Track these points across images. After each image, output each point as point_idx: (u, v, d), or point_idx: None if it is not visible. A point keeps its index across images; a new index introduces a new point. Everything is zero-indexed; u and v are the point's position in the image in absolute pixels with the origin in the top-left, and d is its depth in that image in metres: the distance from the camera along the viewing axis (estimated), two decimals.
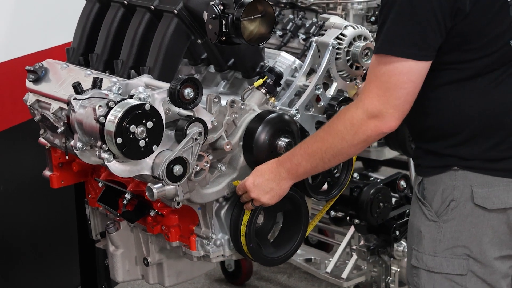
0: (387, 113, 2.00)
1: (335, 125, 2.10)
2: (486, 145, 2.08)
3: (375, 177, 3.31)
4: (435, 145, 2.13)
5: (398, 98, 2.00)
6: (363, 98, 2.03)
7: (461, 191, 2.10)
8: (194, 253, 2.41)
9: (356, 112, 2.04)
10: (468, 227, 2.11)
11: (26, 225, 3.38)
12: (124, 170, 2.13)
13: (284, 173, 2.23)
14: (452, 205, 2.11)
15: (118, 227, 2.60)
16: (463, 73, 2.05)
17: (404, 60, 1.98)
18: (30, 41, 3.17)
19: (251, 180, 2.26)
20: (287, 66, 2.55)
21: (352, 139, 2.07)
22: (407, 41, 1.97)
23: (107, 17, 2.54)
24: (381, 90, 2.00)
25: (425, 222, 2.16)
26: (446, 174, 2.11)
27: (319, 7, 4.11)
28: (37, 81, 2.49)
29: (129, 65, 2.42)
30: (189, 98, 2.14)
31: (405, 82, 1.99)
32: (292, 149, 2.24)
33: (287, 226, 2.48)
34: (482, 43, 2.01)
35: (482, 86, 2.05)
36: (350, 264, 3.44)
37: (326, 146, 2.12)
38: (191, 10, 2.35)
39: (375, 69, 2.03)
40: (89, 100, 2.11)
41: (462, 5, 1.95)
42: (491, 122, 2.07)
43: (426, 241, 2.15)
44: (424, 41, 1.97)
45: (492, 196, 2.09)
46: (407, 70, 1.98)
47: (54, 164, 2.63)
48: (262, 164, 2.28)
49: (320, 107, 2.48)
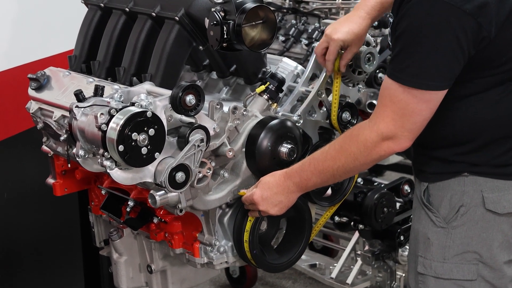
0: (402, 136, 2.00)
1: (347, 146, 2.08)
2: (497, 152, 2.07)
3: (379, 182, 3.30)
4: (443, 152, 2.12)
5: (414, 123, 2.00)
6: (377, 122, 2.01)
7: (471, 196, 2.09)
8: (198, 260, 2.40)
9: (370, 135, 2.03)
10: (478, 232, 2.10)
11: (29, 232, 3.37)
12: (127, 178, 2.12)
13: (292, 187, 2.23)
14: (461, 211, 2.10)
15: (121, 235, 2.60)
16: (478, 87, 2.03)
17: (426, 92, 1.96)
18: (32, 49, 3.17)
19: (259, 193, 2.25)
20: (289, 72, 2.55)
21: (365, 160, 2.07)
22: (431, 73, 1.94)
23: (109, 24, 2.54)
24: (398, 115, 1.98)
25: (432, 229, 2.14)
26: (454, 180, 2.10)
27: (321, 12, 4.11)
28: (40, 89, 2.49)
29: (131, 72, 2.42)
30: (191, 105, 2.14)
31: (423, 110, 1.98)
32: (301, 163, 2.22)
33: (290, 232, 2.48)
34: (500, 63, 2.00)
35: (494, 96, 2.04)
36: (355, 270, 3.44)
37: (338, 165, 2.12)
38: (193, 16, 2.35)
39: (391, 95, 1.99)
40: (91, 108, 2.11)
41: (487, 33, 1.92)
42: (503, 130, 2.07)
43: (435, 248, 2.13)
44: (447, 72, 1.95)
45: (503, 200, 2.08)
46: (426, 99, 1.97)
47: (57, 172, 2.63)
48: (268, 177, 2.27)
49: (322, 112, 2.47)
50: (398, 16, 1.99)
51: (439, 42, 1.91)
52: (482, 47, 1.94)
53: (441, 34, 1.91)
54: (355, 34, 2.30)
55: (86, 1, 2.64)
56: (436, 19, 1.90)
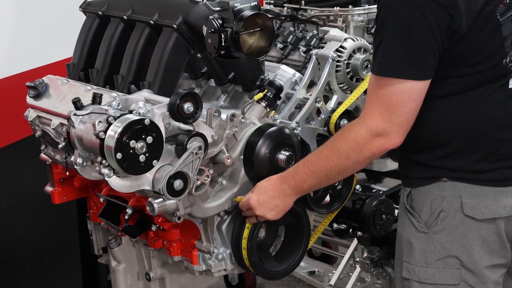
0: (391, 131, 2.01)
1: (339, 144, 2.10)
2: (473, 158, 2.08)
3: (377, 189, 3.29)
4: (423, 156, 2.13)
5: (401, 116, 2.01)
6: (366, 118, 2.03)
7: (450, 201, 2.10)
8: (196, 267, 2.40)
9: (360, 132, 2.04)
10: (458, 237, 2.11)
11: (28, 240, 3.37)
12: (125, 186, 2.12)
13: (288, 190, 2.23)
14: (441, 216, 2.11)
15: (120, 242, 2.60)
16: (453, 87, 2.05)
17: (405, 81, 1.98)
18: (30, 57, 3.18)
19: (255, 198, 2.25)
20: (287, 79, 2.55)
21: (357, 157, 2.08)
22: (407, 62, 1.97)
23: (107, 32, 2.55)
24: (384, 109, 2.00)
25: (415, 234, 2.16)
26: (434, 185, 2.12)
27: (319, 19, 4.11)
28: (38, 97, 2.49)
29: (129, 80, 2.43)
30: (189, 112, 2.14)
31: (406, 101, 2.00)
32: (295, 166, 2.23)
33: (289, 239, 2.47)
34: (474, 62, 2.01)
35: (471, 99, 2.05)
36: (354, 277, 3.43)
37: (331, 164, 2.13)
38: (191, 24, 2.35)
39: (375, 90, 2.02)
40: (89, 116, 2.11)
41: (458, 27, 1.96)
42: (479, 135, 2.07)
43: (417, 253, 2.15)
44: (424, 61, 1.98)
45: (481, 206, 2.09)
46: (408, 89, 1.99)
47: (56, 180, 2.63)
48: (264, 181, 2.28)
49: (320, 119, 2.47)
50: (377, 9, 2.03)
51: (413, 32, 1.95)
52: (454, 41, 1.97)
53: (415, 24, 1.95)
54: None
55: (84, 9, 2.65)
56: (410, 10, 1.94)
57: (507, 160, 2.10)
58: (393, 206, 3.14)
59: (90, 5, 2.64)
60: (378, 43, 2.01)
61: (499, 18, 1.99)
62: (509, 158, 2.10)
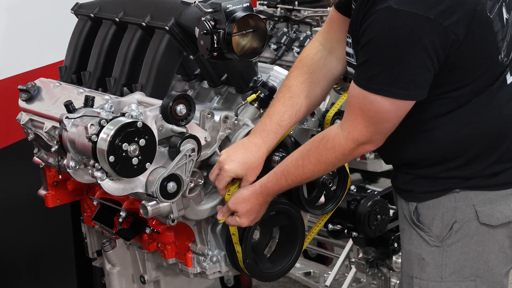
0: (375, 139, 2.01)
1: (324, 158, 2.07)
2: (488, 161, 2.04)
3: (372, 189, 3.29)
4: (430, 170, 2.07)
5: (386, 128, 2.00)
6: (351, 131, 2.00)
7: (463, 212, 2.05)
8: (191, 270, 2.40)
9: (347, 144, 2.02)
10: (474, 246, 2.07)
11: (22, 244, 3.36)
12: (118, 189, 2.12)
13: (268, 199, 2.23)
14: (455, 227, 2.06)
15: (114, 245, 2.59)
16: (459, 100, 1.99)
17: (394, 100, 1.93)
18: (22, 60, 3.17)
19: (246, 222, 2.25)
20: (280, 80, 2.53)
21: (344, 162, 2.11)
22: (396, 82, 1.90)
23: (99, 34, 2.54)
24: (369, 123, 1.98)
25: (426, 248, 2.09)
26: (445, 197, 2.06)
27: (313, 20, 4.12)
28: (30, 100, 2.48)
29: (122, 82, 2.42)
30: (181, 114, 2.14)
31: (392, 118, 1.97)
32: (276, 181, 2.18)
33: (283, 241, 2.47)
34: (472, 66, 1.96)
35: (477, 107, 2.00)
36: (349, 277, 3.42)
37: (317, 174, 2.14)
38: (183, 26, 2.35)
39: (360, 103, 1.97)
40: (81, 119, 2.10)
41: (455, 36, 1.88)
42: (491, 139, 2.03)
43: (431, 268, 2.09)
44: (413, 81, 1.91)
45: (496, 212, 2.05)
46: (394, 109, 1.95)
47: (49, 183, 2.62)
48: (244, 202, 2.22)
49: (314, 120, 2.47)
50: (362, 30, 1.94)
51: (405, 53, 1.87)
52: (452, 51, 1.90)
53: (407, 45, 1.86)
54: (248, 166, 2.22)
55: (76, 11, 2.64)
56: (400, 31, 1.86)
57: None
58: (388, 207, 3.14)
59: (82, 7, 2.63)
60: (365, 59, 1.93)
61: (489, 15, 1.94)
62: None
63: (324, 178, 2.46)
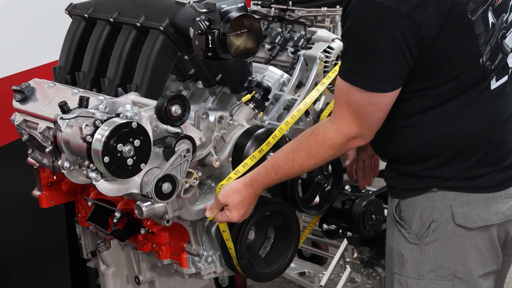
0: (363, 134, 2.03)
1: (314, 152, 2.09)
2: (466, 165, 2.05)
3: (366, 189, 3.29)
4: (412, 167, 2.10)
5: (371, 123, 2.02)
6: (339, 124, 2.03)
7: (440, 211, 2.07)
8: (186, 270, 2.39)
9: (336, 139, 2.05)
10: (451, 247, 2.08)
11: (16, 245, 3.35)
12: (112, 189, 2.11)
13: (258, 192, 2.23)
14: (432, 227, 2.08)
15: (108, 246, 2.58)
16: (437, 98, 2.01)
17: (371, 93, 1.96)
18: (16, 60, 3.16)
19: (236, 216, 2.25)
20: (275, 81, 2.55)
21: (334, 156, 2.12)
22: (373, 75, 1.94)
23: (93, 35, 2.53)
24: (355, 116, 2.00)
25: (406, 245, 2.12)
26: (424, 196, 2.08)
27: (307, 20, 4.12)
28: (24, 100, 2.47)
29: (116, 82, 2.41)
30: (176, 115, 2.13)
31: (374, 111, 2.00)
32: (266, 173, 2.18)
33: (278, 241, 2.47)
34: (450, 66, 1.97)
35: (457, 107, 2.01)
36: (344, 277, 3.43)
37: (307, 168, 2.15)
38: (177, 26, 2.34)
39: (344, 96, 2.01)
40: (75, 119, 2.10)
41: (427, 32, 1.91)
42: (470, 142, 2.04)
43: (409, 265, 2.12)
44: (389, 74, 1.94)
45: (473, 214, 2.06)
46: (375, 102, 1.98)
47: (43, 184, 2.62)
48: (234, 195, 2.22)
49: (309, 120, 2.47)
50: (342, 21, 2.01)
51: (376, 43, 1.91)
52: (425, 48, 1.93)
53: (378, 35, 1.91)
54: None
55: (70, 12, 2.63)
56: (372, 21, 1.91)
57: (498, 163, 2.06)
58: (383, 206, 3.14)
59: (76, 8, 2.63)
60: (344, 50, 2.00)
61: (470, 17, 1.95)
62: (500, 161, 2.07)
63: (319, 178, 2.46)
